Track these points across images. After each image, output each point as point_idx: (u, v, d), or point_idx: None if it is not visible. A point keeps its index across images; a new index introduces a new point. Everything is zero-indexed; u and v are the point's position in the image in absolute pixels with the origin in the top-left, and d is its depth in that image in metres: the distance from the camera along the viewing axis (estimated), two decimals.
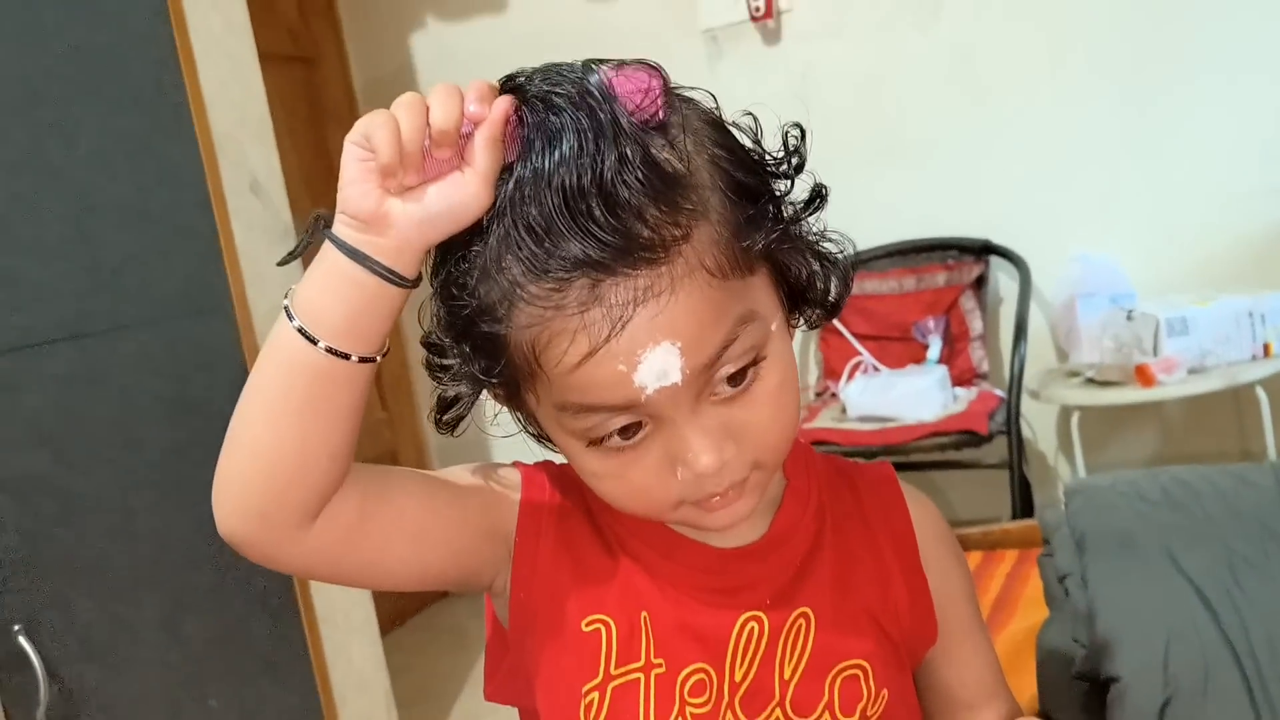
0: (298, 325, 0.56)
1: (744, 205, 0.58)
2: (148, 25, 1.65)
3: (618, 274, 0.54)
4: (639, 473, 0.59)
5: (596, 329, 0.54)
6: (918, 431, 2.34)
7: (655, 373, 0.55)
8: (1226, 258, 2.43)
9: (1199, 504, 1.18)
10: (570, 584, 0.65)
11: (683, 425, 0.57)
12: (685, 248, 0.55)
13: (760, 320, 0.58)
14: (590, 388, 0.56)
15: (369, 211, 0.55)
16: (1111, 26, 2.46)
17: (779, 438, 0.61)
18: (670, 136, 0.57)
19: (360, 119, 0.56)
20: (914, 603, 0.70)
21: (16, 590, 1.37)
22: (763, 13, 2.65)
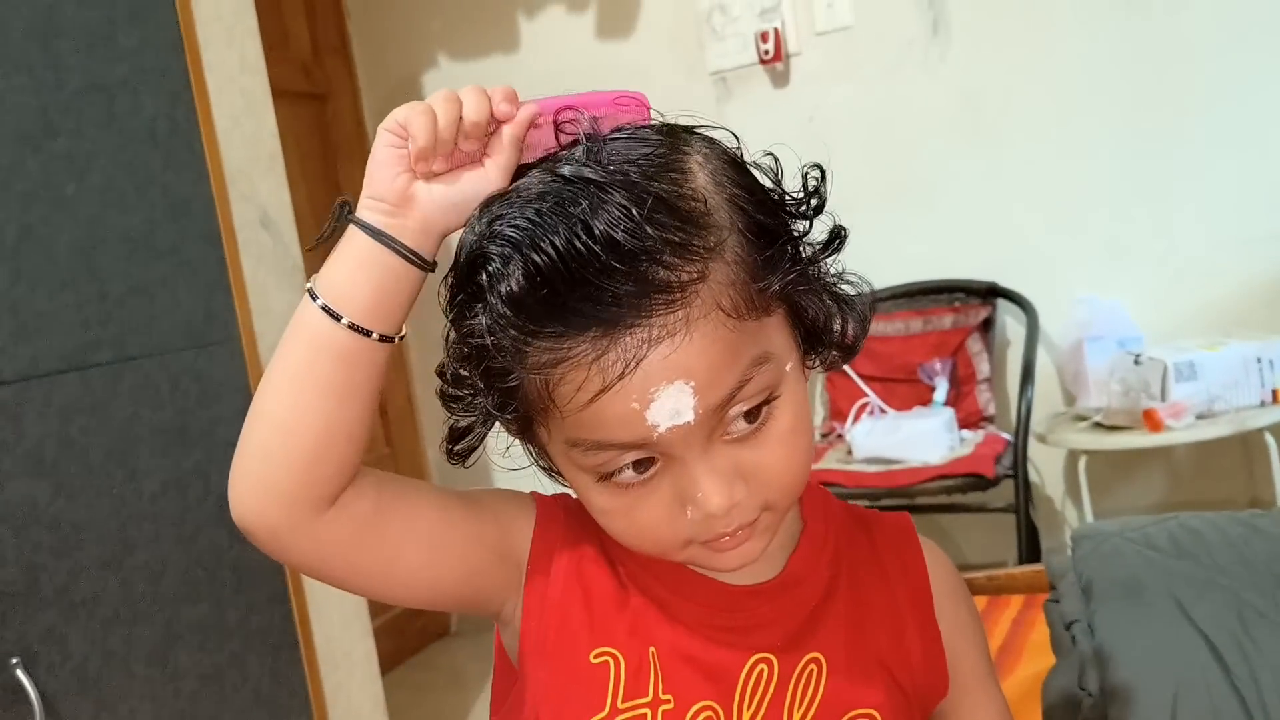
0: (321, 304, 0.58)
1: (762, 246, 0.58)
2: (162, 60, 1.66)
3: (633, 323, 0.54)
4: (648, 511, 0.59)
5: (610, 368, 0.54)
6: (924, 474, 2.33)
7: (668, 412, 0.55)
8: (1234, 302, 2.43)
9: (1208, 552, 1.17)
10: (580, 615, 0.65)
11: (693, 465, 0.57)
12: (702, 288, 0.55)
13: (775, 361, 0.58)
14: (602, 425, 0.56)
15: (397, 193, 0.58)
16: (1118, 71, 2.47)
17: (791, 479, 0.60)
18: (687, 174, 0.57)
19: (396, 108, 0.58)
20: (927, 655, 0.69)
21: (14, 623, 1.36)
22: (771, 55, 2.68)
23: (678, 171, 0.57)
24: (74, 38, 1.53)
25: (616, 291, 0.53)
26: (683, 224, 0.55)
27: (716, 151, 0.60)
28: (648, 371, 0.54)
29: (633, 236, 0.53)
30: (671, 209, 0.55)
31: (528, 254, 0.54)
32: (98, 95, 1.56)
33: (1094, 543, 1.26)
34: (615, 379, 0.54)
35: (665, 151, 0.58)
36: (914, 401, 2.57)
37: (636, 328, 0.54)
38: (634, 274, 0.53)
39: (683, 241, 0.55)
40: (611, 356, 0.54)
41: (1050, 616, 1.25)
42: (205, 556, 1.63)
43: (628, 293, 0.53)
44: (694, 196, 0.56)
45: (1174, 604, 1.10)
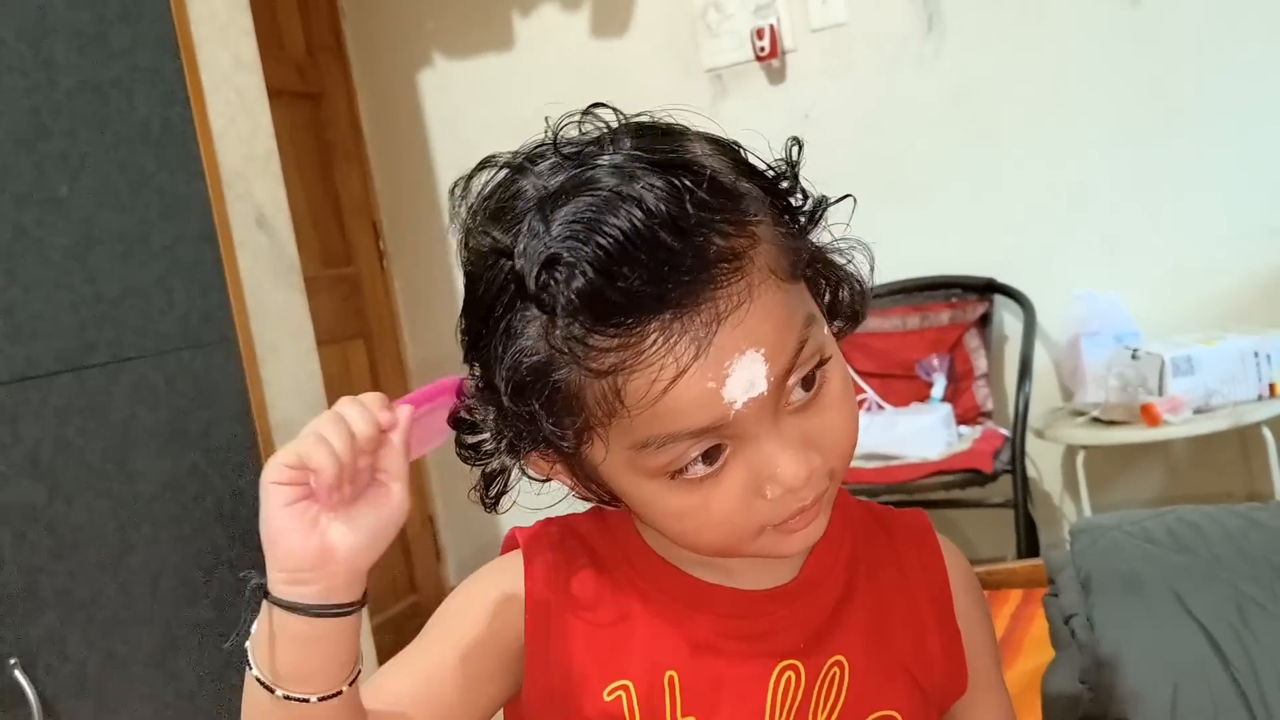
0: (255, 674, 0.55)
1: (782, 211, 0.59)
2: (156, 60, 1.66)
3: (701, 300, 0.53)
4: (721, 501, 0.57)
5: (684, 352, 0.53)
6: (922, 470, 2.33)
7: (743, 384, 0.54)
8: (1231, 297, 2.43)
9: (1206, 545, 1.17)
10: (586, 657, 0.63)
11: (766, 441, 0.56)
12: (755, 254, 0.55)
13: (820, 321, 0.59)
14: (677, 414, 0.54)
15: (313, 556, 0.54)
16: (1114, 65, 2.47)
17: (851, 441, 0.61)
18: (702, 157, 0.57)
19: (274, 457, 0.54)
20: (947, 654, 0.69)
21: (13, 625, 1.36)
22: (767, 53, 2.67)
23: (693, 155, 0.57)
24: (66, 38, 1.52)
25: (683, 268, 0.53)
26: (726, 195, 0.55)
27: (707, 138, 0.61)
28: (720, 346, 0.53)
29: (689, 210, 0.53)
30: (713, 182, 0.55)
31: (597, 243, 0.52)
32: (91, 95, 1.55)
33: (1092, 537, 1.26)
34: (690, 360, 0.53)
35: (676, 139, 0.58)
36: (912, 397, 2.57)
37: (704, 305, 0.53)
38: (696, 248, 0.53)
39: (731, 210, 0.55)
40: (683, 341, 0.53)
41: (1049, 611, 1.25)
42: (204, 557, 1.63)
43: (692, 267, 0.53)
44: (721, 172, 0.57)
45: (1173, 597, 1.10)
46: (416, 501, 3.15)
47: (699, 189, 0.54)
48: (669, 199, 0.53)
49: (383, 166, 3.15)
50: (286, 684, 0.54)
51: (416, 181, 3.07)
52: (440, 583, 3.21)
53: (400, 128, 3.09)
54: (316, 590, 0.54)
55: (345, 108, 3.10)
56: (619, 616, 0.64)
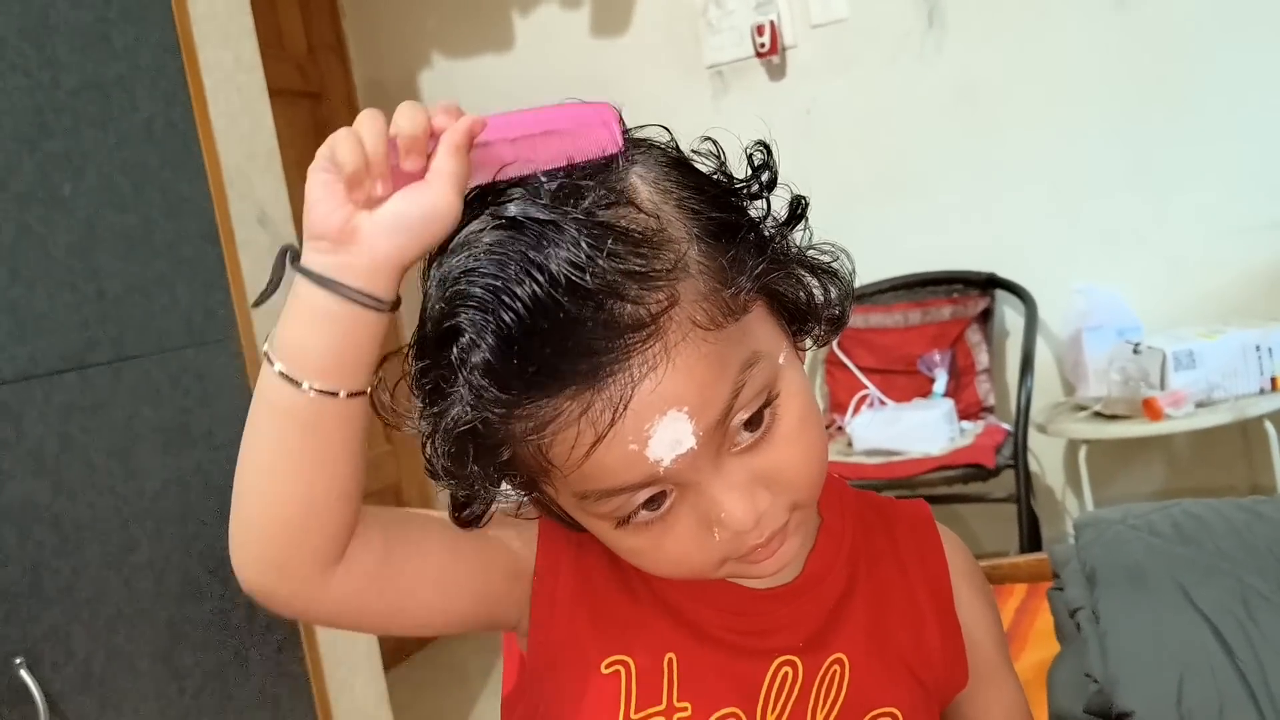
0: (279, 369, 0.53)
1: (724, 246, 0.55)
2: (158, 59, 1.66)
3: (613, 368, 0.51)
4: (675, 543, 0.57)
5: (600, 417, 0.52)
6: (924, 465, 2.33)
7: (668, 444, 0.53)
8: (1233, 291, 2.43)
9: (1211, 538, 1.17)
10: (589, 624, 0.63)
11: (709, 486, 0.55)
12: (675, 311, 0.52)
13: (765, 359, 0.56)
14: (606, 474, 0.54)
15: (336, 228, 0.52)
16: (1115, 59, 2.47)
17: (811, 474, 0.58)
18: (631, 192, 0.54)
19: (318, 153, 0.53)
20: (946, 648, 0.68)
21: (18, 622, 1.36)
22: (768, 49, 2.67)
23: (621, 192, 0.54)
24: (68, 37, 1.52)
25: (590, 341, 0.51)
26: (639, 250, 0.52)
27: (654, 157, 0.57)
28: (637, 410, 0.52)
29: (595, 277, 0.50)
30: (625, 236, 0.52)
31: (497, 316, 0.51)
32: (93, 94, 1.55)
33: (1097, 530, 1.26)
34: (607, 427, 0.52)
35: (604, 175, 0.55)
36: (913, 393, 2.57)
37: (617, 372, 0.51)
38: (602, 317, 0.51)
39: (644, 269, 0.52)
40: (598, 406, 0.52)
41: (1054, 604, 1.25)
42: (207, 554, 1.63)
43: (600, 338, 0.51)
44: (643, 216, 0.54)
45: (1177, 589, 1.11)
46: (419, 500, 3.15)
47: (614, 245, 0.51)
48: (575, 264, 0.50)
49: None
50: (310, 376, 0.53)
51: None
52: None
53: None
54: (336, 263, 0.52)
55: (346, 106, 3.10)
56: (625, 595, 0.64)
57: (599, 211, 0.52)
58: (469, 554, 0.62)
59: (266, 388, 0.54)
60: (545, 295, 0.50)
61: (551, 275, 0.50)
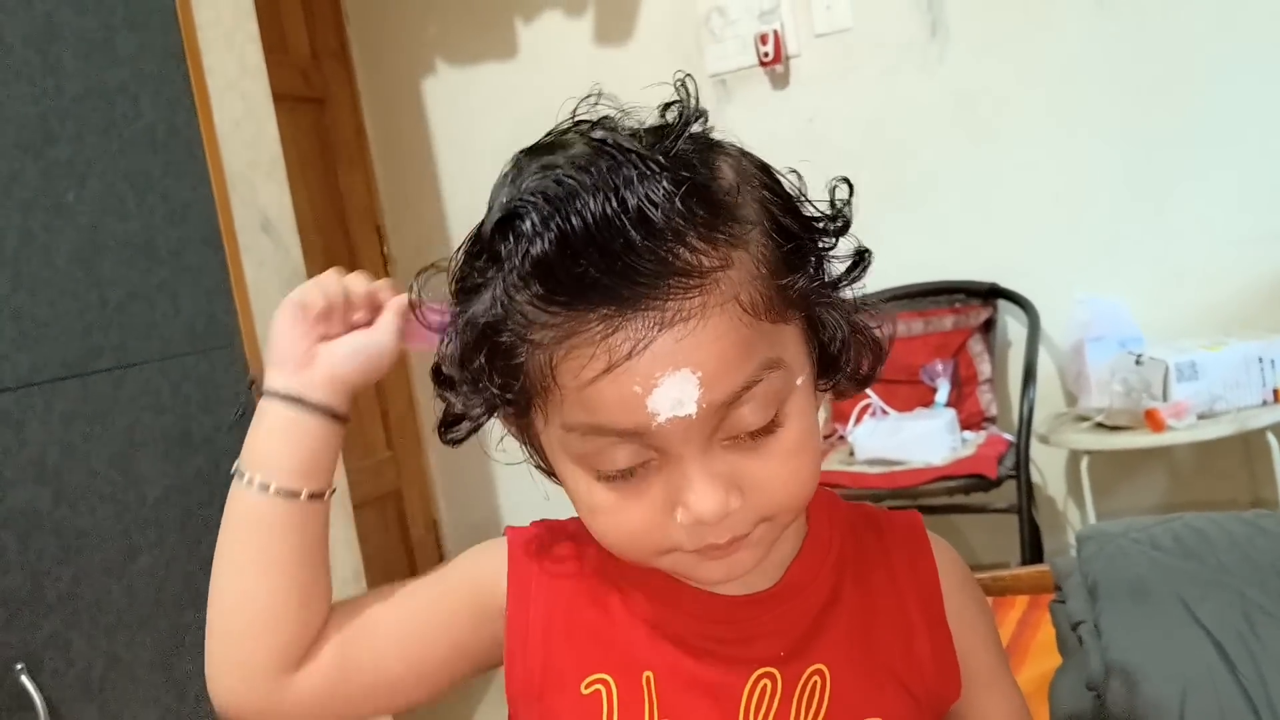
0: (247, 479, 0.62)
1: (785, 247, 0.57)
2: (162, 66, 1.66)
3: (649, 304, 0.53)
4: (637, 510, 0.57)
5: (618, 346, 0.53)
6: (926, 475, 2.33)
7: (670, 400, 0.53)
8: (1235, 302, 2.43)
9: (1213, 551, 1.17)
10: (565, 647, 0.63)
11: (689, 464, 0.55)
12: (723, 277, 0.54)
13: (786, 370, 0.56)
14: (602, 407, 0.54)
15: (300, 354, 0.63)
16: (1117, 70, 2.47)
17: (791, 496, 0.58)
18: (718, 167, 0.57)
19: (287, 297, 0.64)
20: (938, 658, 0.68)
21: (19, 629, 1.36)
22: (771, 58, 2.68)
23: (709, 163, 0.57)
24: (72, 44, 1.53)
25: (639, 268, 0.52)
26: (713, 210, 0.54)
27: (747, 155, 0.61)
28: (655, 355, 0.53)
29: (665, 215, 0.52)
30: (705, 194, 0.54)
31: (564, 217, 0.52)
32: (97, 101, 1.55)
33: (1099, 543, 1.26)
34: (622, 358, 0.53)
35: (700, 145, 0.58)
36: (915, 403, 2.57)
37: (651, 309, 0.52)
38: (659, 253, 0.52)
39: (710, 226, 0.54)
40: (621, 335, 0.53)
41: (1056, 617, 1.24)
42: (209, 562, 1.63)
43: (649, 271, 0.52)
44: (725, 188, 0.56)
45: (1180, 604, 1.10)
46: (420, 506, 3.15)
47: (691, 196, 0.53)
48: (650, 197, 0.52)
49: (387, 171, 3.15)
50: (275, 478, 0.62)
51: (420, 186, 3.08)
52: None
53: (404, 133, 3.10)
54: (300, 382, 0.63)
55: (349, 113, 3.10)
56: (599, 612, 0.64)
57: (686, 161, 0.55)
58: (429, 616, 0.65)
59: (235, 501, 0.63)
60: (614, 215, 0.52)
61: (623, 200, 0.52)
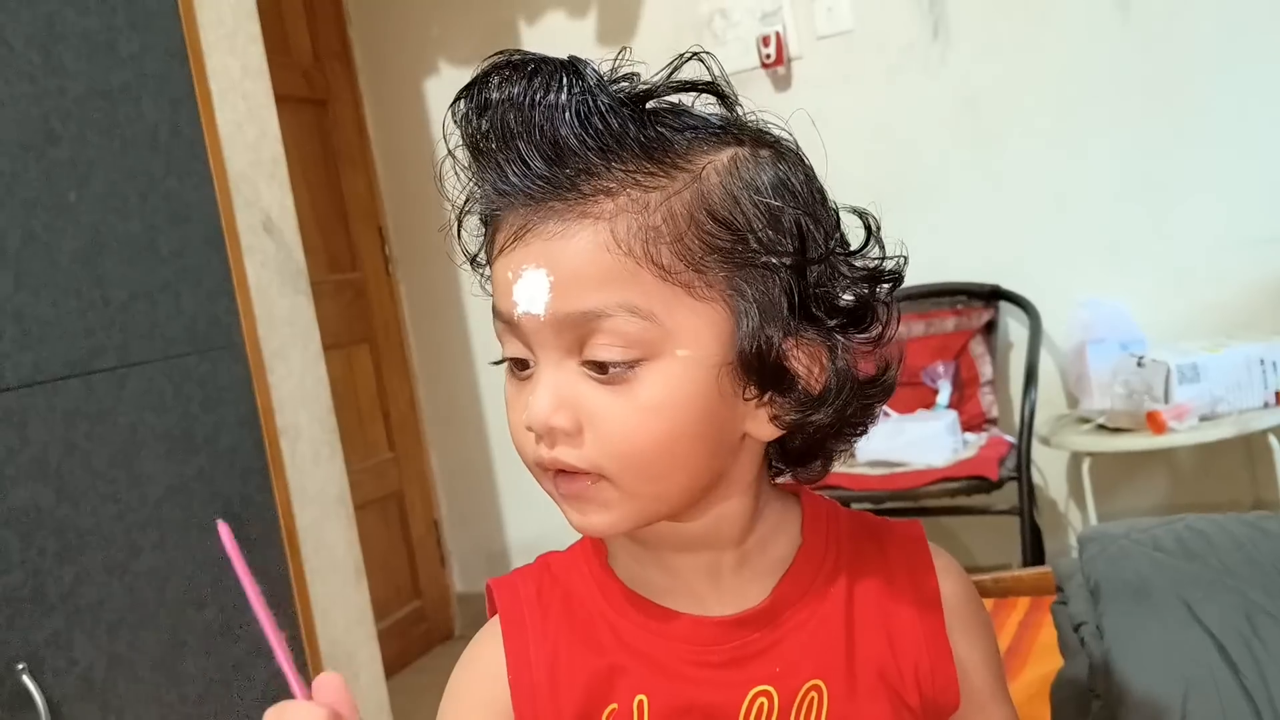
0: None
1: (724, 240, 0.57)
2: (164, 66, 1.67)
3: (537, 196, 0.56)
4: (518, 408, 0.60)
5: (509, 231, 0.58)
6: (927, 477, 2.33)
7: (525, 295, 0.57)
8: (1237, 304, 2.42)
9: (1215, 553, 1.16)
10: (570, 692, 0.63)
11: (540, 370, 0.58)
12: (607, 202, 0.56)
13: (657, 325, 0.56)
14: (495, 288, 0.60)
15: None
16: (1119, 71, 2.47)
17: (627, 452, 0.57)
18: (712, 145, 0.59)
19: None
20: (936, 672, 0.67)
21: (20, 628, 1.36)
22: (773, 59, 2.68)
23: (700, 137, 0.59)
24: (75, 45, 1.53)
25: (528, 159, 0.56)
26: (640, 144, 0.56)
27: (785, 159, 0.62)
28: (526, 248, 0.57)
29: (574, 122, 0.55)
30: (643, 130, 0.57)
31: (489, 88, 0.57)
32: (100, 101, 1.56)
33: (1101, 545, 1.26)
34: (508, 243, 0.58)
35: (716, 119, 0.60)
36: (917, 404, 2.57)
37: (537, 206, 0.56)
38: (550, 150, 0.56)
39: (611, 152, 0.56)
40: (513, 222, 0.57)
41: (1058, 618, 1.24)
42: (211, 562, 1.63)
43: (535, 165, 0.56)
44: (684, 149, 0.58)
45: (1182, 605, 1.10)
46: (421, 506, 3.15)
47: (603, 118, 0.56)
48: (568, 102, 0.55)
49: (389, 172, 3.15)
50: None
51: (422, 187, 3.08)
52: (444, 587, 3.20)
53: (406, 133, 3.10)
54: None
55: (352, 113, 3.11)
56: (592, 652, 0.64)
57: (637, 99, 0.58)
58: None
59: None
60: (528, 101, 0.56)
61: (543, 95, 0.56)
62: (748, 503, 0.64)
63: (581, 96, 0.56)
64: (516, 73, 0.57)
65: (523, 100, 0.56)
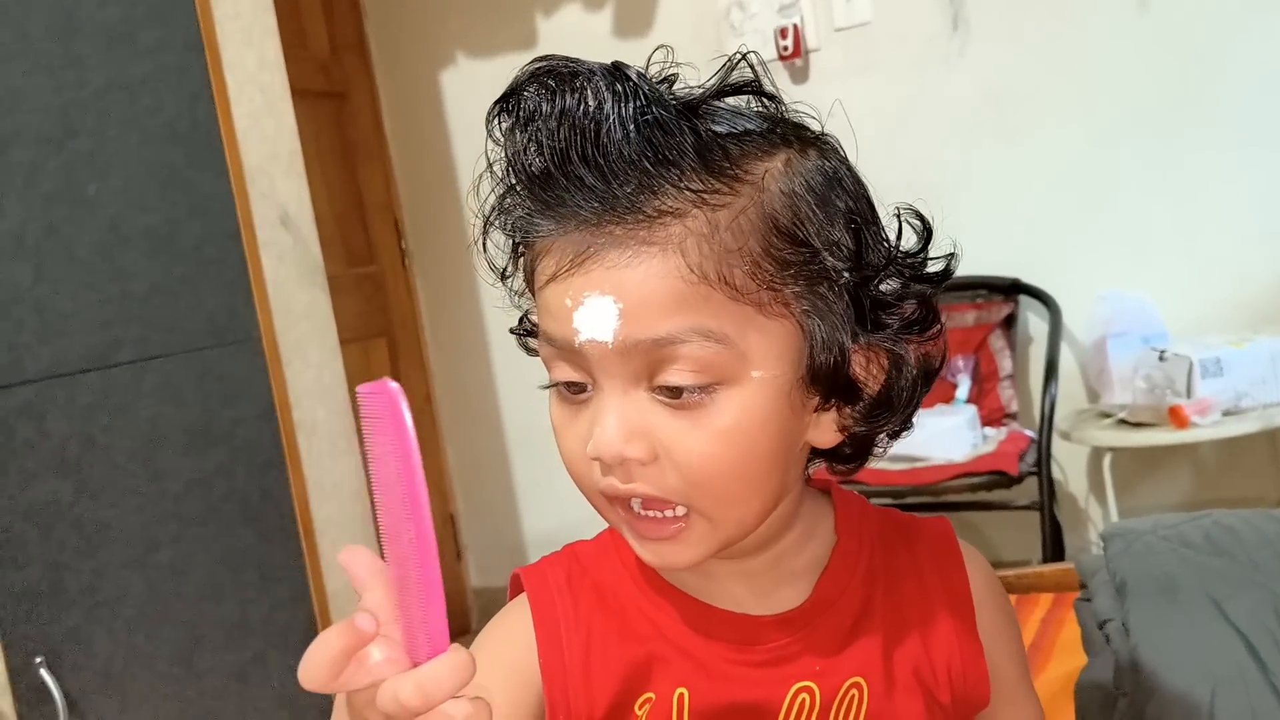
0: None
1: (785, 250, 0.55)
2: (182, 60, 1.66)
3: (599, 219, 0.53)
4: (573, 433, 0.58)
5: (565, 256, 0.55)
6: (947, 472, 2.31)
7: (590, 323, 0.54)
8: (1261, 298, 2.40)
9: (1243, 549, 1.15)
10: (604, 680, 0.62)
11: (606, 398, 0.55)
12: (676, 225, 0.53)
13: (731, 348, 0.54)
14: (547, 313, 0.57)
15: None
16: (1140, 63, 2.45)
17: (707, 480, 0.55)
18: (762, 149, 0.57)
19: None
20: (967, 667, 0.67)
21: (39, 622, 1.37)
22: (791, 51, 2.66)
23: (738, 129, 0.57)
24: (94, 37, 1.53)
25: (587, 183, 0.53)
26: (698, 154, 0.54)
27: (830, 156, 0.60)
28: (588, 274, 0.54)
29: (633, 144, 0.53)
30: (699, 140, 0.54)
31: (542, 114, 0.54)
32: (119, 94, 1.56)
33: (1126, 541, 1.24)
34: (564, 269, 0.54)
35: (763, 120, 0.58)
36: (936, 399, 2.55)
37: (598, 230, 0.53)
38: (613, 176, 0.53)
39: (678, 171, 0.53)
40: (569, 246, 0.54)
41: (1082, 615, 1.23)
42: (229, 556, 1.63)
43: (598, 189, 0.53)
44: (739, 156, 0.55)
45: (1210, 602, 1.09)
46: (436, 500, 3.15)
47: (665, 134, 0.53)
48: (625, 122, 0.53)
49: (405, 165, 3.15)
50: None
51: (439, 180, 3.08)
52: (461, 582, 3.21)
53: (423, 127, 3.09)
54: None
55: (368, 107, 3.10)
56: (630, 641, 0.63)
57: (692, 108, 0.55)
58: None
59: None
60: (588, 123, 0.53)
61: (600, 113, 0.53)
62: (790, 506, 0.63)
63: (637, 106, 0.53)
64: (561, 83, 0.54)
65: (575, 113, 0.53)
